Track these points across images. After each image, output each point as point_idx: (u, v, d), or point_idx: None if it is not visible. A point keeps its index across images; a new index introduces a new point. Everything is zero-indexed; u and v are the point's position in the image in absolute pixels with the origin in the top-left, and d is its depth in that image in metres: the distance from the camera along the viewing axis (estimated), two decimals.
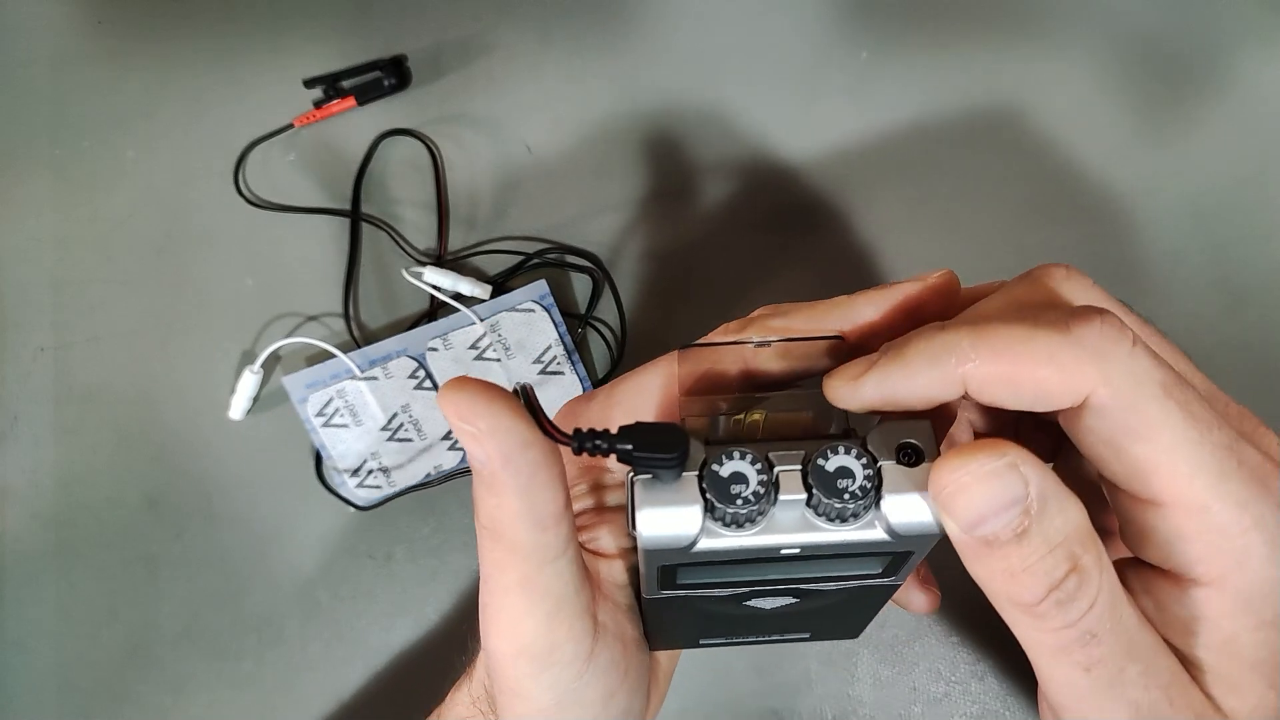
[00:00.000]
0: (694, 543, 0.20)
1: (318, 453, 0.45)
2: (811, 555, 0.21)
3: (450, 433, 0.43)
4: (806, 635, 0.28)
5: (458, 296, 0.45)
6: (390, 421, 0.44)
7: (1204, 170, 0.46)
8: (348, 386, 0.44)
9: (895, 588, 0.24)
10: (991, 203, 0.46)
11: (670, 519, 0.20)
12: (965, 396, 0.20)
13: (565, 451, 0.21)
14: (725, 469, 0.20)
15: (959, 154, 0.46)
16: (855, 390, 0.20)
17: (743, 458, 0.20)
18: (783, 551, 0.20)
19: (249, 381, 0.44)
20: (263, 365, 0.45)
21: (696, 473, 0.20)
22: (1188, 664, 0.20)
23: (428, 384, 0.44)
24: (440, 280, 0.44)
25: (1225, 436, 0.19)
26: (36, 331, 0.46)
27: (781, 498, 0.20)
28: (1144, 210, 0.46)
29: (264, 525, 0.45)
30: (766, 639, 0.28)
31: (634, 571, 0.25)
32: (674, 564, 0.21)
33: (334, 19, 0.48)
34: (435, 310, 0.46)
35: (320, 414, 0.43)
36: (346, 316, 0.46)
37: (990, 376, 0.19)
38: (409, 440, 0.44)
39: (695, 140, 0.47)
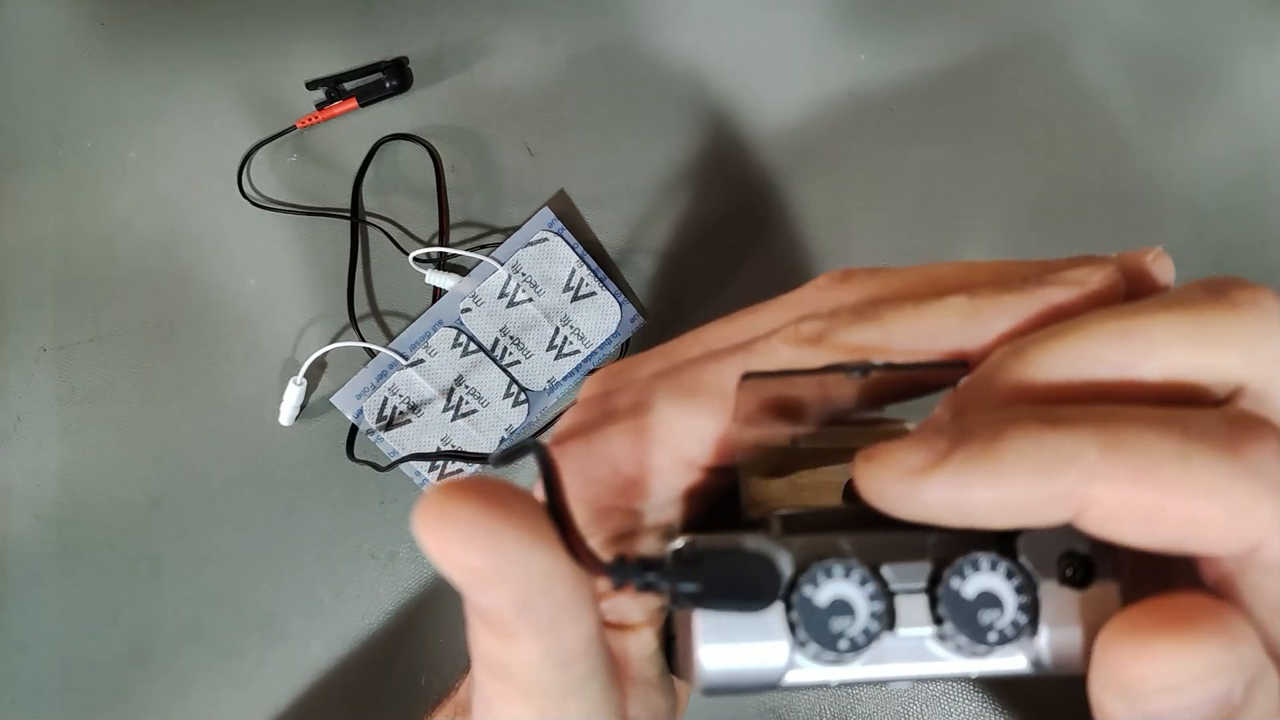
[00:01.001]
0: (778, 681, 0.15)
1: (351, 435, 0.44)
2: (933, 679, 0.16)
3: (510, 387, 0.42)
4: None
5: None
6: (450, 399, 0.43)
7: (1204, 171, 0.46)
8: (397, 379, 0.43)
9: None
10: (992, 203, 0.46)
11: (745, 658, 0.15)
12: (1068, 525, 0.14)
13: (568, 476, 0.16)
14: (822, 593, 0.15)
15: (958, 154, 0.47)
16: (914, 491, 0.14)
17: (847, 575, 0.15)
18: (891, 684, 0.16)
19: (294, 393, 0.44)
20: (299, 372, 0.45)
21: (781, 599, 0.15)
22: None
23: (473, 348, 0.44)
24: (443, 282, 0.45)
25: None
26: (40, 332, 0.46)
27: (900, 629, 0.15)
28: (1144, 212, 0.46)
29: (267, 524, 0.45)
30: None
31: (664, 635, 0.19)
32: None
33: (336, 21, 0.48)
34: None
35: (380, 419, 0.43)
36: (351, 316, 0.46)
37: (1123, 506, 0.13)
38: (473, 411, 0.43)
39: (696, 140, 0.47)
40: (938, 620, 0.15)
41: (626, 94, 0.47)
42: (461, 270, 0.46)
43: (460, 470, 0.44)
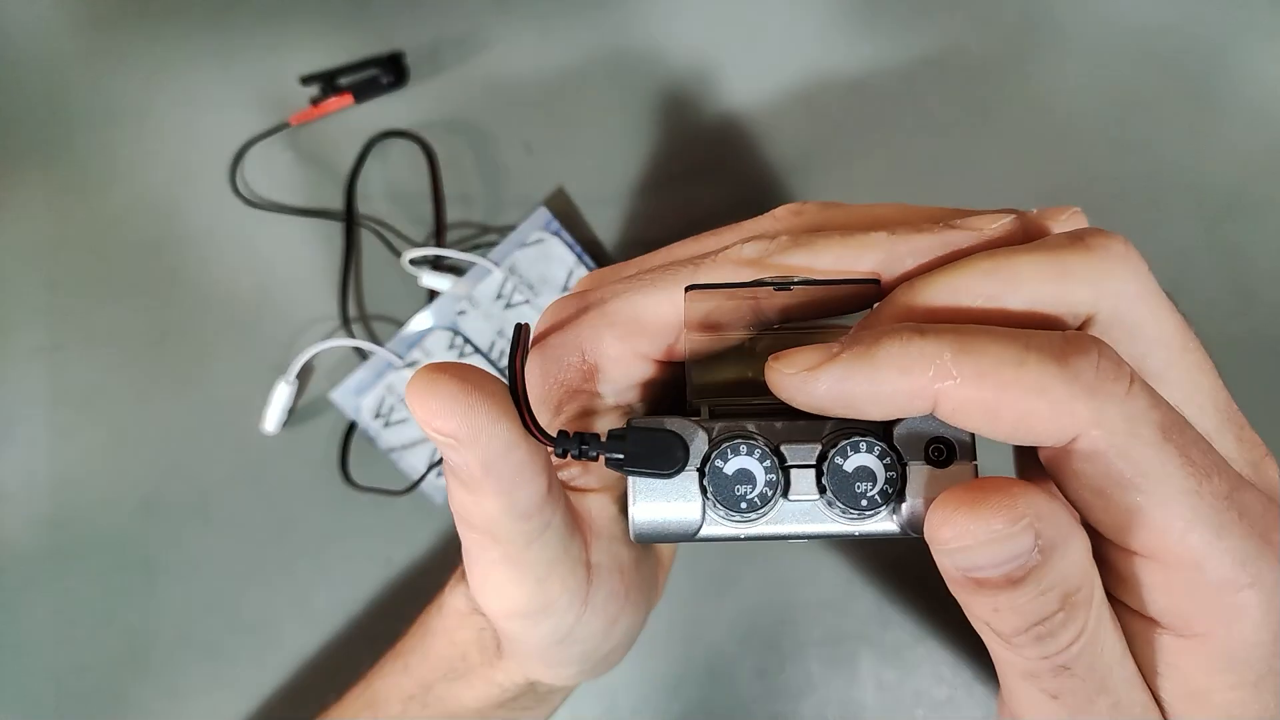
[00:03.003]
0: (694, 533, 0.19)
1: (344, 452, 0.44)
2: (822, 536, 0.20)
3: None
4: None
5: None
6: None
7: (1210, 168, 0.45)
8: (394, 379, 0.43)
9: None
10: (998, 197, 0.46)
11: (668, 513, 0.19)
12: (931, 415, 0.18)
13: (545, 362, 0.20)
14: (730, 465, 0.18)
15: (964, 147, 0.46)
16: (805, 385, 0.17)
17: (750, 452, 0.18)
18: (790, 539, 0.20)
19: (283, 393, 0.44)
20: (292, 374, 0.45)
21: (698, 467, 0.19)
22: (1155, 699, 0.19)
23: (469, 349, 0.43)
24: (439, 284, 0.44)
25: (1225, 484, 0.17)
26: (31, 333, 0.46)
27: (792, 495, 0.19)
28: (1152, 209, 0.45)
29: (261, 528, 0.45)
30: None
31: (623, 499, 0.24)
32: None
33: (331, 15, 0.47)
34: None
35: (378, 416, 0.43)
36: (344, 318, 0.45)
37: (968, 400, 0.17)
38: None
39: (697, 134, 0.46)
40: (822, 489, 0.19)
41: (627, 89, 0.46)
42: (457, 271, 0.45)
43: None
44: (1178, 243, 0.44)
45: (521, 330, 0.19)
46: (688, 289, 0.19)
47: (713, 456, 0.18)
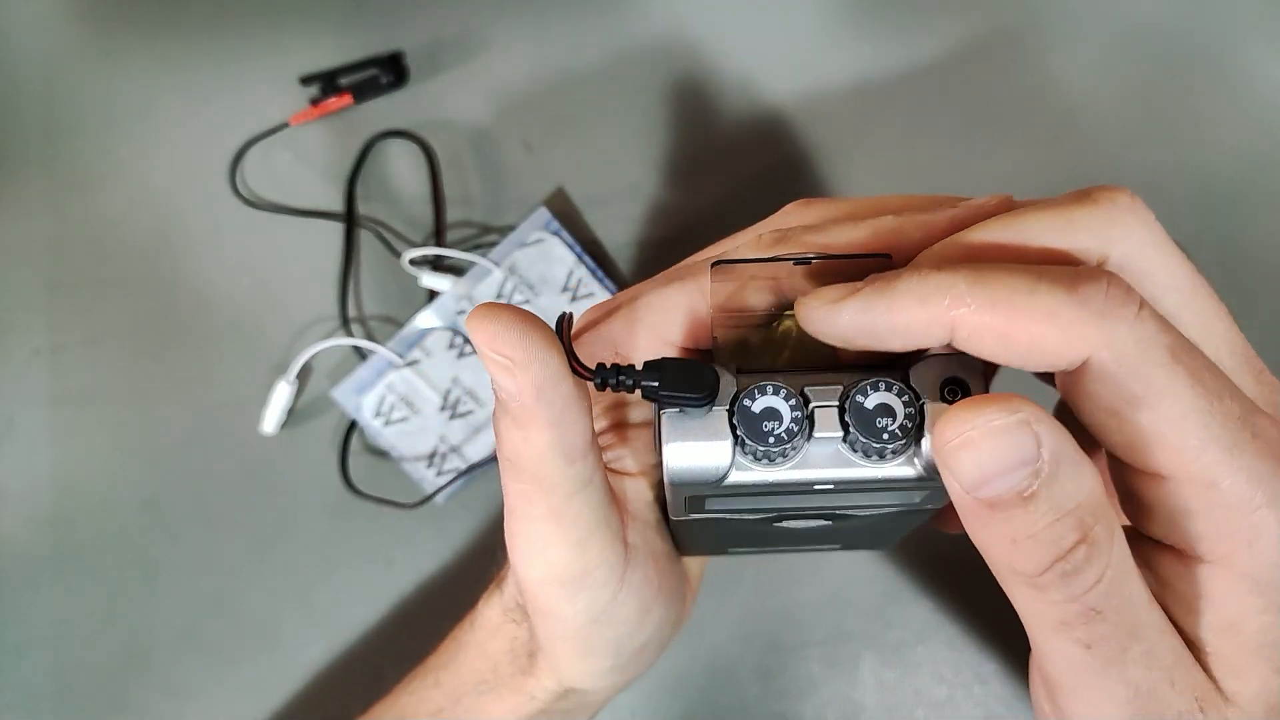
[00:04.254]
0: (723, 477, 0.19)
1: (344, 459, 0.44)
2: (847, 488, 0.20)
3: None
4: (837, 546, 0.28)
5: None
6: (446, 399, 0.43)
7: (1212, 163, 0.45)
8: (395, 378, 0.43)
9: (933, 511, 0.23)
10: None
11: (698, 454, 0.19)
12: (949, 346, 0.19)
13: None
14: (758, 404, 0.19)
15: (965, 146, 0.46)
16: (831, 315, 0.19)
17: (776, 392, 0.19)
18: (816, 486, 0.20)
19: (284, 393, 0.44)
20: (292, 373, 0.45)
21: (727, 407, 0.19)
22: (1189, 644, 0.19)
23: (468, 349, 0.43)
24: (439, 284, 0.44)
25: (1239, 406, 0.18)
26: (31, 333, 0.46)
27: (816, 435, 0.19)
28: (1151, 204, 0.45)
29: (262, 528, 0.45)
30: (795, 549, 0.28)
31: (659, 488, 0.25)
32: (702, 495, 0.21)
33: (330, 15, 0.47)
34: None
35: (378, 415, 0.43)
36: (344, 318, 0.45)
37: (983, 326, 0.18)
38: (470, 412, 0.43)
39: (698, 135, 0.46)
40: (845, 428, 0.19)
41: (627, 88, 0.46)
42: (457, 271, 0.45)
43: (455, 469, 0.44)
44: (1179, 237, 0.44)
45: (565, 315, 0.20)
46: (713, 265, 0.20)
47: (741, 396, 0.19)
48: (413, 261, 0.44)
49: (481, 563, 0.44)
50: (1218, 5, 0.46)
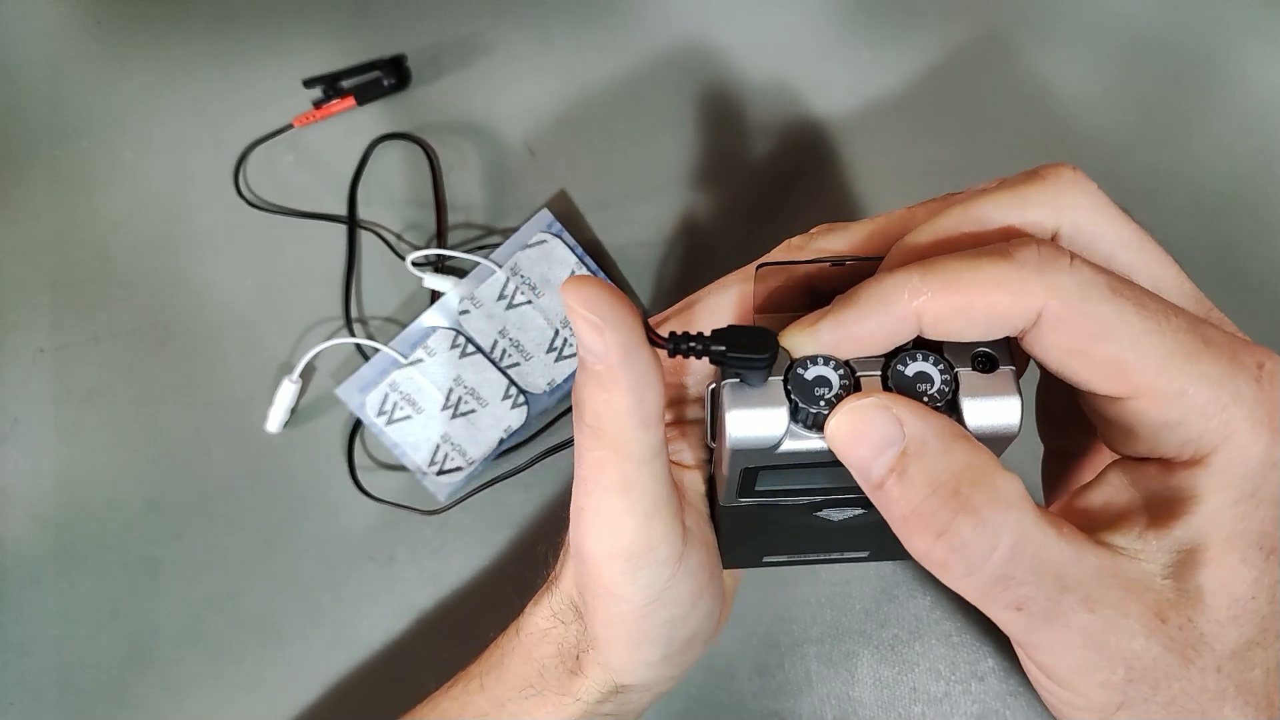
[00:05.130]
0: (778, 443, 0.21)
1: (350, 459, 0.45)
2: None
3: (509, 389, 0.44)
4: (865, 554, 0.29)
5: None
6: (449, 398, 0.44)
7: (1208, 168, 0.46)
8: (398, 377, 0.44)
9: None
10: None
11: (757, 420, 0.21)
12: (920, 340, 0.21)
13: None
14: (810, 373, 0.21)
15: (963, 151, 0.46)
16: (811, 339, 0.21)
17: (826, 363, 0.21)
18: None
19: (288, 391, 0.44)
20: (297, 372, 0.45)
21: (782, 377, 0.21)
22: (1179, 548, 0.20)
23: (470, 349, 0.44)
24: (441, 285, 0.44)
25: (1185, 321, 0.19)
26: (36, 333, 0.46)
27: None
28: (1148, 208, 0.45)
29: (264, 526, 0.45)
30: (826, 557, 0.29)
31: (711, 483, 0.27)
32: (756, 466, 0.22)
33: (333, 19, 0.48)
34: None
35: (381, 413, 0.44)
36: (347, 319, 0.45)
37: (944, 308, 0.20)
38: (471, 411, 0.44)
39: (698, 139, 0.47)
40: (888, 391, 0.21)
41: (628, 93, 0.47)
42: (460, 272, 0.45)
43: (459, 469, 0.44)
44: (1174, 242, 0.44)
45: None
46: (759, 266, 0.22)
47: (794, 366, 0.21)
48: (416, 262, 0.45)
49: (481, 562, 0.45)
50: (1214, 11, 0.47)
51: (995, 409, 0.21)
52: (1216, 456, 0.20)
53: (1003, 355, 0.21)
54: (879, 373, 0.21)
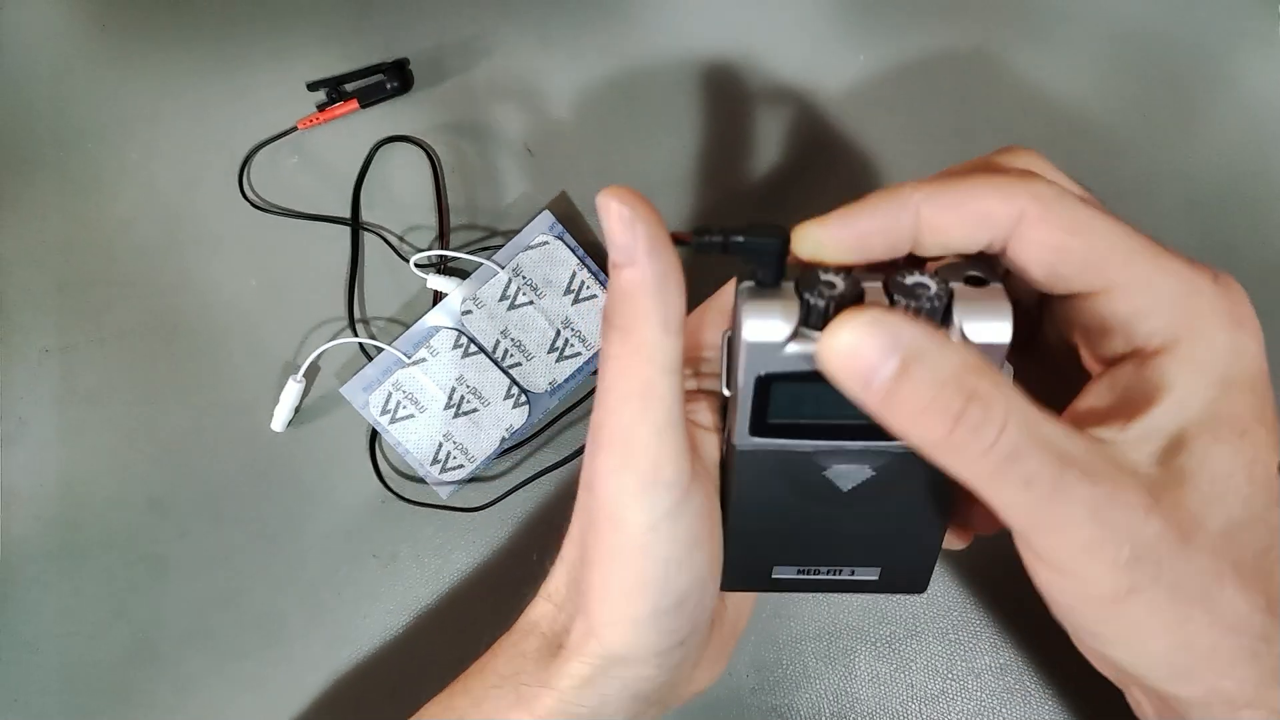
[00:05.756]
0: (789, 338, 0.23)
1: (373, 451, 0.45)
2: None
3: (511, 389, 0.44)
4: (875, 574, 0.30)
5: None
6: (451, 397, 0.44)
7: (1205, 167, 0.46)
8: (401, 376, 0.44)
9: (949, 512, 0.28)
10: None
11: (769, 312, 0.23)
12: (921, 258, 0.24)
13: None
14: (819, 278, 0.23)
15: (959, 153, 0.47)
16: (822, 226, 0.23)
17: (835, 273, 0.23)
18: None
19: (293, 390, 0.45)
20: (301, 371, 0.45)
21: (794, 282, 0.23)
22: (1169, 436, 0.22)
23: (473, 349, 0.44)
24: (444, 286, 0.45)
25: (1148, 237, 0.23)
26: (41, 334, 0.47)
27: (867, 302, 0.23)
28: (1145, 208, 0.46)
29: (268, 525, 0.45)
30: (836, 577, 0.30)
31: (723, 469, 0.28)
32: (770, 375, 0.24)
33: (336, 22, 0.48)
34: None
35: (385, 412, 0.44)
36: (351, 320, 0.46)
37: (940, 207, 0.23)
38: (474, 410, 0.44)
39: (696, 140, 0.47)
40: (890, 299, 0.22)
41: (628, 94, 0.47)
42: (462, 273, 0.46)
43: (461, 467, 0.44)
44: (1169, 241, 0.45)
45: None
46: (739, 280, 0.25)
47: (805, 273, 0.23)
48: (419, 264, 0.45)
49: (484, 560, 0.45)
50: (1211, 11, 0.47)
51: (987, 314, 0.23)
52: (1182, 345, 0.22)
53: (991, 275, 0.23)
54: (880, 283, 0.23)
